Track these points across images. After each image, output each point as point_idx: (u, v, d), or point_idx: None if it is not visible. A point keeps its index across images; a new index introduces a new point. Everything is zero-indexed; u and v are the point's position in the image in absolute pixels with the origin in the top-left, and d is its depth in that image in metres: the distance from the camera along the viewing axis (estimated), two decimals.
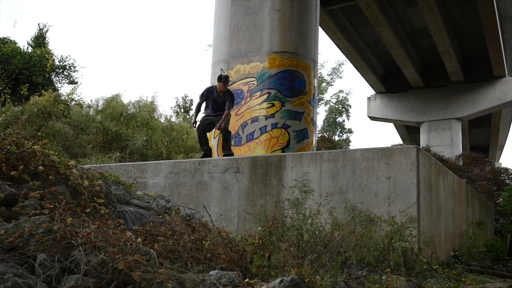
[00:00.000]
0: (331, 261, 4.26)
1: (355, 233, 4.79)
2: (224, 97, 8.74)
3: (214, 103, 8.84)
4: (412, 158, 5.66)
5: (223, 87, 8.68)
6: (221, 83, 8.67)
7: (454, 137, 23.90)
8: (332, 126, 39.48)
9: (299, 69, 9.77)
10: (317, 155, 6.33)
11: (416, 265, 4.71)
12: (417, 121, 25.08)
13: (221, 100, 8.80)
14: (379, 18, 18.31)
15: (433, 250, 5.67)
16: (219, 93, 8.76)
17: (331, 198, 5.81)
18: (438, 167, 6.69)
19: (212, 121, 8.81)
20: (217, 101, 8.83)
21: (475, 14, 18.54)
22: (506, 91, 23.02)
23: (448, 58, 21.08)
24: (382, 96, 26.07)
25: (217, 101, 8.83)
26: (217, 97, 8.81)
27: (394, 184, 5.70)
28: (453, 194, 7.52)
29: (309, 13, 10.30)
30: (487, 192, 12.81)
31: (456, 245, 7.25)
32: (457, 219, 7.66)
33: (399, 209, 5.42)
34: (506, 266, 7.02)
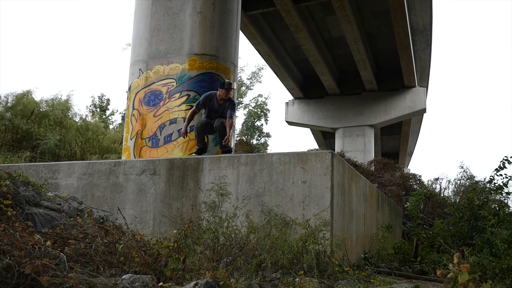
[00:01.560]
0: (246, 264, 4.29)
1: (271, 236, 4.85)
2: (225, 105, 8.36)
3: (214, 112, 8.43)
4: (327, 163, 5.80)
5: (225, 95, 8.28)
6: (224, 90, 8.24)
7: (367, 143, 24.77)
8: (251, 130, 39.81)
9: (219, 72, 9.78)
10: (234, 158, 6.36)
11: (328, 267, 4.83)
12: (332, 127, 25.78)
13: (221, 109, 8.38)
14: (298, 25, 18.68)
15: (345, 253, 5.84)
16: (219, 101, 8.37)
17: (247, 201, 5.85)
18: (351, 172, 6.89)
19: (211, 124, 8.39)
20: (217, 110, 8.40)
21: (389, 26, 19.32)
22: (416, 100, 24.16)
23: (363, 67, 21.84)
24: (300, 101, 26.60)
25: (216, 110, 8.41)
26: (217, 105, 8.38)
27: (309, 188, 5.82)
28: (365, 198, 7.78)
29: (230, 17, 10.34)
30: (396, 197, 13.35)
31: (367, 248, 7.51)
32: (368, 223, 7.93)
33: (313, 213, 5.54)
34: (412, 267, 7.33)
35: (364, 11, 19.43)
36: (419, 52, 23.16)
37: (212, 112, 8.43)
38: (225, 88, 8.26)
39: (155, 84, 9.73)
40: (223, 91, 8.27)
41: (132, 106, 9.86)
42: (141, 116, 9.66)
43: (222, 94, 8.29)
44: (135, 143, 9.59)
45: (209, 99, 8.42)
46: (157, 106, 9.59)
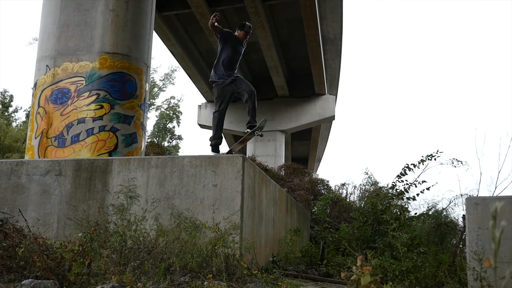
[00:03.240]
0: (154, 268, 4.22)
1: (180, 240, 4.81)
2: (242, 51, 7.62)
3: (236, 54, 7.58)
4: (238, 167, 5.83)
5: (243, 38, 7.59)
6: (243, 32, 7.55)
7: (278, 148, 25.18)
8: (162, 132, 39.32)
9: (131, 72, 9.58)
10: (145, 160, 6.25)
11: (237, 270, 4.86)
12: (244, 131, 26.02)
13: (240, 51, 7.62)
14: None
15: (254, 256, 5.89)
16: (240, 41, 7.58)
17: (157, 204, 5.76)
18: (261, 176, 6.97)
19: (232, 91, 7.61)
20: (239, 52, 7.62)
21: (302, 35, 19.78)
22: (325, 107, 24.89)
23: (276, 73, 22.20)
24: (212, 105, 26.59)
25: (239, 52, 7.62)
26: (238, 45, 7.56)
27: (220, 192, 5.83)
28: (275, 202, 7.90)
29: (144, 16, 10.17)
30: (305, 201, 13.65)
31: (275, 251, 7.62)
32: (277, 226, 8.05)
33: (223, 216, 5.55)
34: (318, 270, 7.52)
35: (278, 18, 19.76)
36: (329, 61, 23.87)
37: (236, 53, 7.65)
38: (245, 30, 7.60)
39: (63, 81, 9.37)
40: (241, 33, 7.61)
41: (37, 104, 9.43)
42: (47, 114, 9.27)
43: (241, 37, 7.62)
44: (39, 143, 9.18)
45: (234, 37, 7.63)
46: (64, 105, 9.24)
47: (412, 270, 6.02)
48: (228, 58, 7.59)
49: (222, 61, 7.61)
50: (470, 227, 5.09)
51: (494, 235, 1.10)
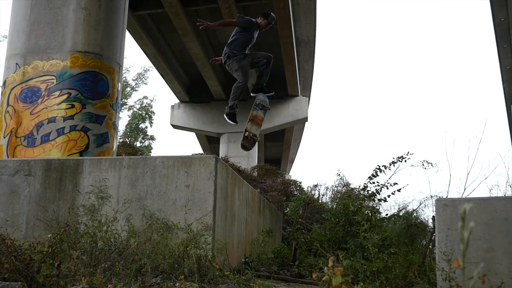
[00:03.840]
0: (125, 269, 4.19)
1: (151, 241, 4.77)
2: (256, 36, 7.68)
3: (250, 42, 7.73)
4: (210, 168, 5.82)
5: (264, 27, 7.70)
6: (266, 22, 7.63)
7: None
8: (135, 132, 38.98)
9: (103, 71, 9.48)
10: (116, 160, 6.19)
11: (209, 271, 4.84)
12: (217, 132, 25.95)
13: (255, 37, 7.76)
14: (186, 28, 18.62)
15: (226, 257, 5.88)
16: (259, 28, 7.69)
17: (129, 205, 5.71)
18: (234, 177, 6.97)
19: (249, 62, 7.69)
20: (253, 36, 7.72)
21: (276, 37, 19.83)
22: (298, 109, 25.00)
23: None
24: (185, 105, 26.50)
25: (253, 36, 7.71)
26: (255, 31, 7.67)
27: (192, 192, 5.80)
28: (247, 203, 7.90)
29: (116, 15, 10.07)
30: (277, 202, 13.69)
31: (248, 252, 7.62)
32: (250, 227, 8.06)
33: (196, 217, 5.53)
34: (290, 271, 7.55)
35: None
36: (302, 63, 23.98)
37: (252, 38, 7.77)
38: (268, 20, 7.69)
39: (33, 80, 9.22)
40: (264, 22, 7.70)
41: (6, 102, 9.26)
42: (17, 113, 9.11)
43: (263, 25, 7.72)
44: (8, 142, 9.02)
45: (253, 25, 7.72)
46: (34, 104, 9.09)
47: (383, 270, 6.09)
48: (244, 41, 7.74)
49: (237, 41, 7.77)
50: (439, 228, 5.17)
51: (462, 236, 1.12)
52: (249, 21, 7.76)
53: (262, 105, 7.94)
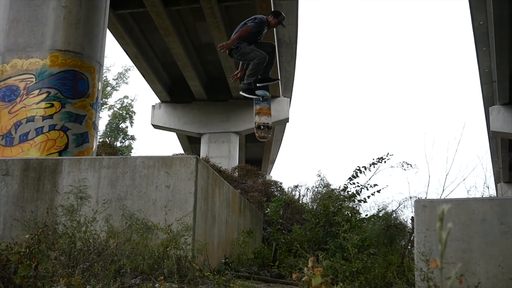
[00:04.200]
0: (104, 270, 4.16)
1: (131, 241, 4.75)
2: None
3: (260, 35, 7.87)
4: (191, 168, 5.81)
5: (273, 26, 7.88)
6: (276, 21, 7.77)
7: (232, 149, 25.18)
8: (115, 132, 38.73)
9: (83, 70, 9.39)
10: (96, 160, 6.14)
11: (189, 272, 4.83)
12: (198, 132, 25.88)
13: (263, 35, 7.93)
14: (168, 28, 18.54)
15: (206, 258, 5.87)
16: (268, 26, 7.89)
17: (108, 205, 5.67)
18: (215, 178, 6.96)
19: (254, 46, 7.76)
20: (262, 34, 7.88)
21: None
22: (280, 110, 25.03)
23: (231, 74, 22.18)
24: (166, 105, 26.38)
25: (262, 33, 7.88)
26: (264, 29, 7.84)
27: (172, 193, 5.78)
28: (228, 204, 7.90)
29: (97, 14, 9.99)
30: (258, 203, 13.70)
31: (228, 253, 7.62)
32: (230, 228, 8.05)
33: (176, 218, 5.51)
34: (270, 271, 7.56)
35: (234, 19, 19.75)
36: (284, 64, 24.02)
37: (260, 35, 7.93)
38: (279, 20, 7.84)
39: (11, 78, 9.10)
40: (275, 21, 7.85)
41: None
42: None
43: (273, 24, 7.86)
44: None
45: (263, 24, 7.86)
46: (13, 102, 8.97)
47: (362, 271, 6.13)
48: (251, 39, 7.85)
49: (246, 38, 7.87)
50: (418, 228, 5.22)
51: (440, 236, 1.13)
52: (261, 23, 7.90)
53: (263, 98, 8.04)
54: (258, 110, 8.19)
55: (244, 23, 7.86)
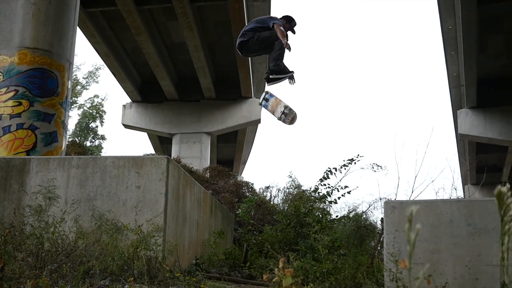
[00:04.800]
0: (73, 271, 4.10)
1: (100, 242, 4.69)
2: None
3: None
4: (162, 168, 5.77)
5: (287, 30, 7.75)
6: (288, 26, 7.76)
7: (203, 150, 25.08)
8: (85, 131, 38.22)
9: (53, 68, 9.25)
10: (65, 160, 6.05)
11: (159, 273, 4.80)
12: (170, 133, 25.72)
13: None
14: (140, 27, 18.40)
15: (177, 258, 5.84)
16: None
17: (77, 206, 5.59)
18: (186, 178, 6.93)
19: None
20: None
21: (230, 37, 19.83)
22: (252, 111, 25.05)
23: (203, 75, 22.12)
24: (137, 105, 26.14)
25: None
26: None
27: (143, 193, 5.74)
28: (199, 204, 7.87)
29: (67, 12, 9.85)
30: (229, 204, 13.67)
31: (199, 253, 7.59)
32: (201, 229, 8.02)
33: (146, 218, 5.47)
34: (241, 272, 7.56)
35: (206, 19, 19.72)
36: (256, 65, 24.05)
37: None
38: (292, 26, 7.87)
39: None
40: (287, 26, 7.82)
41: None
42: None
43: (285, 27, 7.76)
44: None
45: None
46: None
47: (333, 271, 6.17)
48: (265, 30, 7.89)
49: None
50: (387, 229, 5.28)
51: (409, 237, 1.15)
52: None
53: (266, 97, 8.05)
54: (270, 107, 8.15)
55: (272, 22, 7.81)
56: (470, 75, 19.34)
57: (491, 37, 18.01)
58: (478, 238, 5.03)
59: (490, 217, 5.00)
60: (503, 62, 19.62)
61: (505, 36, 17.89)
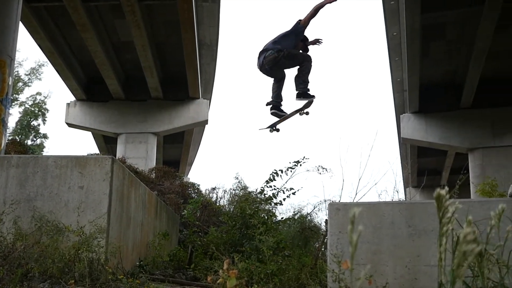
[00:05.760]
0: (10, 274, 3.97)
1: (40, 244, 4.57)
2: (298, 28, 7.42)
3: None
4: (106, 169, 5.67)
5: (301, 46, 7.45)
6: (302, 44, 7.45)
7: (149, 150, 24.75)
8: (26, 130, 37.05)
9: None
10: (4, 159, 5.86)
11: (101, 275, 4.71)
12: (115, 132, 25.26)
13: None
14: (86, 24, 18.00)
15: (120, 260, 5.75)
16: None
17: (17, 206, 5.42)
18: (131, 179, 6.83)
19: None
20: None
21: (179, 38, 19.68)
22: (199, 111, 24.91)
23: (150, 74, 21.84)
24: (82, 103, 25.54)
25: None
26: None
27: (86, 194, 5.62)
28: (144, 205, 7.77)
29: (9, 6, 9.54)
30: (174, 205, 13.55)
31: (143, 255, 7.49)
32: (146, 230, 7.92)
33: (89, 219, 5.36)
34: (186, 274, 7.51)
35: (155, 19, 19.50)
36: (204, 66, 23.96)
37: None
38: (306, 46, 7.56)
39: None
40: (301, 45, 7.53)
41: None
42: None
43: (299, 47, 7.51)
44: None
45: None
46: None
47: (277, 272, 6.21)
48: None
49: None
50: (331, 231, 5.37)
51: (351, 239, 1.17)
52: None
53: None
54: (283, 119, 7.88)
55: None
56: (413, 81, 19.89)
57: (434, 44, 18.60)
58: (418, 239, 5.17)
59: (429, 219, 5.16)
60: (444, 69, 20.29)
61: (447, 44, 18.51)
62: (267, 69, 7.31)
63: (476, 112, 21.15)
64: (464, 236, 1.12)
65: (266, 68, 7.27)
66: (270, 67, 7.25)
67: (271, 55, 7.18)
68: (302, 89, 7.32)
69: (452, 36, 18.01)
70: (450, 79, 20.99)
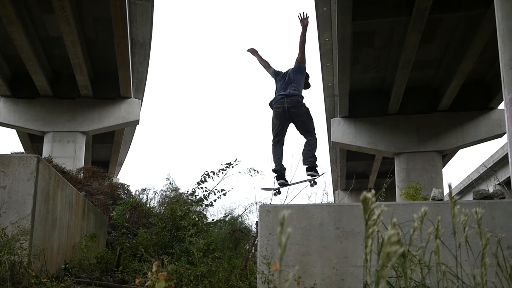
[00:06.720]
0: None
1: None
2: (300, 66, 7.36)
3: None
4: (31, 168, 5.47)
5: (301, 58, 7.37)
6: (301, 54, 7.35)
7: (77, 150, 24.08)
8: None
9: None
10: None
11: (24, 279, 4.54)
12: (41, 131, 24.41)
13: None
14: (12, 17, 17.30)
15: (44, 263, 5.56)
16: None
17: None
18: (58, 179, 6.63)
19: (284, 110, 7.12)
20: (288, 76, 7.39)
21: (110, 35, 19.28)
22: (130, 111, 24.48)
23: (80, 72, 21.27)
24: (7, 100, 24.52)
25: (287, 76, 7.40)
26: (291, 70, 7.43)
27: (9, 194, 5.40)
28: (71, 206, 7.55)
29: None
30: (103, 206, 13.25)
31: (69, 258, 7.28)
32: (72, 231, 7.71)
33: (11, 221, 5.15)
34: (113, 277, 7.36)
35: (85, 15, 19.01)
36: (137, 65, 23.58)
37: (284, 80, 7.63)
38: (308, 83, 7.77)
39: None
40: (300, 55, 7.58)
41: None
42: None
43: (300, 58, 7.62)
44: None
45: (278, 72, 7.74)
46: None
47: (207, 274, 6.20)
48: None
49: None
50: (261, 233, 5.41)
51: (280, 240, 1.18)
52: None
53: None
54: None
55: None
56: (343, 86, 20.39)
57: (364, 51, 19.15)
58: (346, 241, 5.30)
59: (356, 221, 5.30)
60: (373, 75, 20.93)
61: (375, 51, 19.11)
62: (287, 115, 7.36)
63: (402, 118, 21.96)
64: (388, 238, 1.16)
65: (290, 111, 7.33)
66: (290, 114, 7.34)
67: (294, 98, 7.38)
68: (312, 163, 7.42)
69: (380, 44, 18.62)
70: (378, 85, 21.68)
